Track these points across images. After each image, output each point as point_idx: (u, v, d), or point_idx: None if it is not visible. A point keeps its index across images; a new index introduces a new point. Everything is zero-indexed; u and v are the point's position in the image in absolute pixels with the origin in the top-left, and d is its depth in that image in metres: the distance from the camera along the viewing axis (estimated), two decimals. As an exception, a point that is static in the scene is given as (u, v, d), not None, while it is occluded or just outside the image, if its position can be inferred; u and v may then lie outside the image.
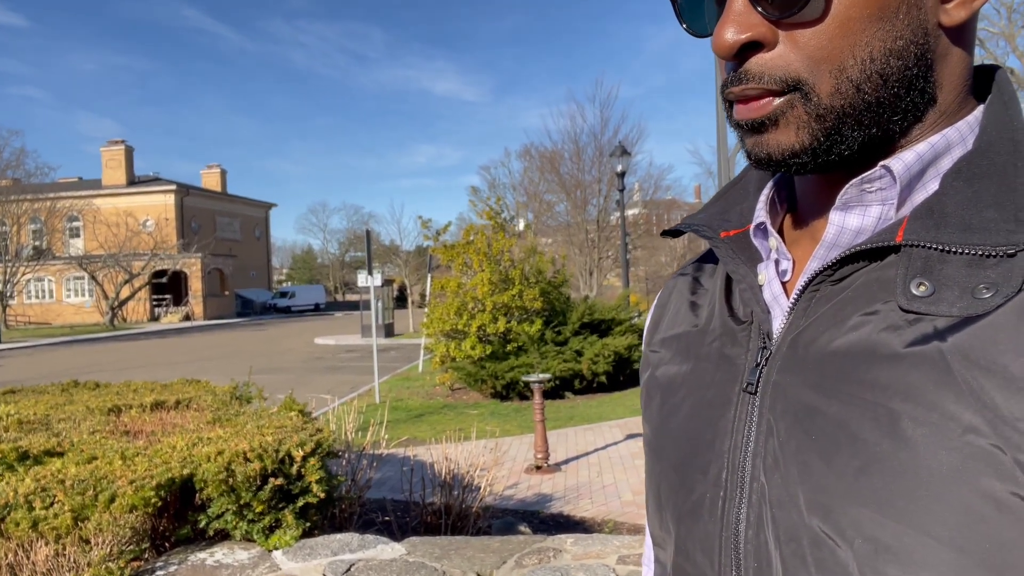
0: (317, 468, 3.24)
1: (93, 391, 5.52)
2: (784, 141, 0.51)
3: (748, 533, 0.52)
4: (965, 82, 0.53)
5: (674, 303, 0.70)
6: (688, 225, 0.65)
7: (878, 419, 0.46)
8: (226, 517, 3.12)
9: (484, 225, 12.82)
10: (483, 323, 11.39)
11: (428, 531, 4.42)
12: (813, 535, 0.48)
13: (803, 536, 0.49)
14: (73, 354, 22.60)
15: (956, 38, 0.52)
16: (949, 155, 0.52)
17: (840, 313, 0.51)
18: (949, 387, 0.44)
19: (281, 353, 20.99)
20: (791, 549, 0.49)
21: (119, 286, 39.03)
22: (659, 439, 0.64)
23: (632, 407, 9.70)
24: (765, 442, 0.52)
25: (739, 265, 0.60)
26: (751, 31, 0.49)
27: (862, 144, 0.51)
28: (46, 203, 41.78)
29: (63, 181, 49.57)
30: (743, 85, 0.51)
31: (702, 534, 0.56)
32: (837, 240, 0.53)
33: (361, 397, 10.97)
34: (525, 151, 36.82)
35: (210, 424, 3.98)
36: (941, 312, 0.46)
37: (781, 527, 0.50)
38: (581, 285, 29.46)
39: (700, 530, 0.56)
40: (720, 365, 0.59)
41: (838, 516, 0.47)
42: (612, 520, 5.20)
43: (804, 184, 0.59)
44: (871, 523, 0.45)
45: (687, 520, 0.58)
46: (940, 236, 0.47)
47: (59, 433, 3.82)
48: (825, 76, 0.49)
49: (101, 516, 2.83)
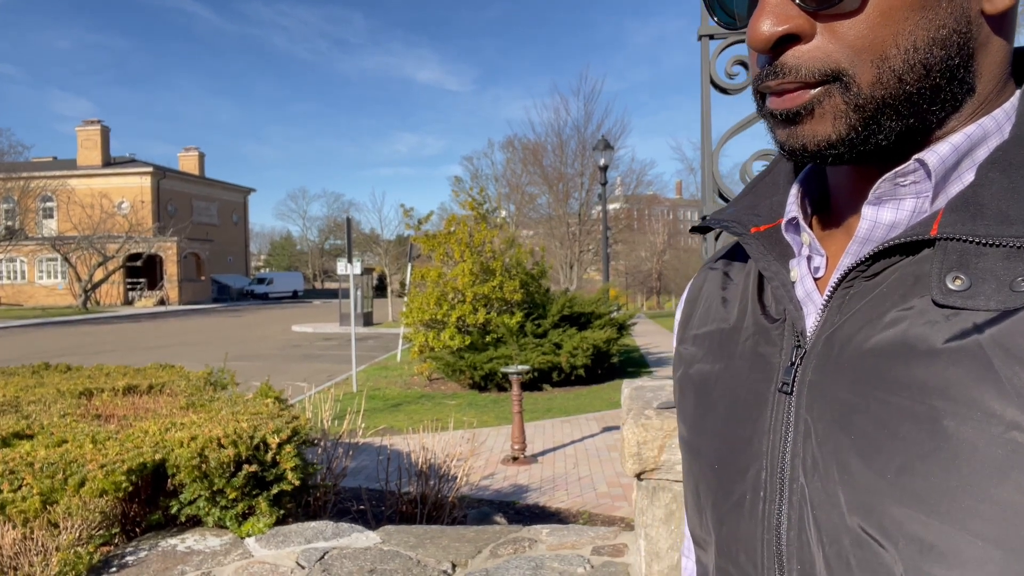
0: (292, 456, 3.21)
1: (64, 374, 5.43)
2: (820, 131, 0.50)
3: (790, 535, 0.52)
4: (1004, 69, 0.52)
5: (705, 298, 0.69)
6: (717, 221, 0.64)
7: (918, 417, 0.45)
8: (199, 503, 3.08)
9: (466, 215, 12.79)
10: (463, 314, 11.37)
11: (404, 520, 4.41)
12: (855, 536, 0.48)
13: (845, 537, 0.48)
14: (45, 336, 22.22)
15: (998, 26, 0.51)
16: (985, 144, 0.51)
17: (875, 310, 0.50)
18: (990, 383, 0.43)
19: (257, 340, 20.80)
20: (834, 550, 0.49)
21: (93, 268, 38.41)
22: (695, 438, 0.63)
23: (610, 400, 9.75)
24: (804, 443, 0.51)
25: (771, 262, 0.59)
26: (789, 23, 0.48)
27: (899, 135, 0.50)
28: (19, 183, 40.88)
29: (37, 160, 48.65)
30: (779, 79, 0.50)
31: (744, 535, 0.56)
32: (871, 235, 0.52)
33: (338, 386, 10.91)
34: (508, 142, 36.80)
35: (183, 409, 3.93)
36: (979, 306, 0.45)
37: (823, 528, 0.49)
38: (561, 278, 29.53)
39: (742, 531, 0.56)
40: (755, 364, 0.58)
41: (880, 516, 0.46)
42: (587, 511, 5.23)
43: (837, 177, 0.58)
44: (915, 523, 0.44)
45: (728, 521, 0.58)
46: (976, 229, 0.46)
47: (28, 416, 3.75)
48: (867, 66, 0.48)
49: (70, 500, 2.78)
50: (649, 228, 46.84)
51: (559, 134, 32.13)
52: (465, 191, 14.42)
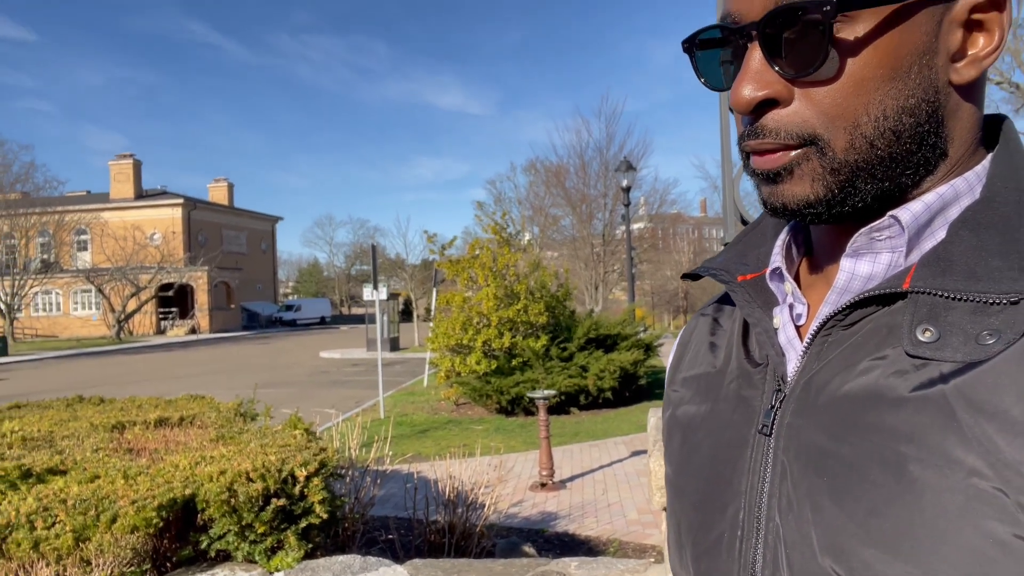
0: (320, 488, 3.22)
1: (97, 407, 5.51)
2: (799, 192, 0.53)
3: (764, 573, 0.53)
4: (975, 135, 0.55)
5: (695, 343, 0.71)
6: (707, 269, 0.67)
7: (886, 462, 0.47)
8: (228, 538, 3.10)
9: (489, 239, 12.83)
10: (488, 338, 11.37)
11: (432, 550, 4.38)
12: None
13: None
14: (79, 367, 22.65)
15: (966, 95, 0.53)
16: (957, 204, 0.53)
17: (851, 357, 0.52)
18: (953, 431, 0.45)
19: (286, 367, 20.98)
20: None
21: (126, 299, 39.18)
22: (680, 478, 0.65)
23: (638, 423, 9.64)
24: (780, 483, 0.53)
25: (755, 309, 0.62)
26: (768, 89, 0.51)
27: (875, 196, 0.53)
28: (54, 216, 42.00)
29: (71, 195, 49.88)
30: (760, 139, 0.53)
31: (722, 573, 0.57)
32: (848, 286, 0.55)
33: (365, 412, 10.95)
34: (531, 165, 36.91)
35: (213, 442, 3.97)
36: (946, 357, 0.47)
37: (796, 568, 0.51)
38: (587, 299, 29.43)
39: (720, 569, 0.57)
40: (737, 407, 0.60)
41: (849, 557, 0.47)
42: (617, 539, 5.16)
43: (818, 231, 0.61)
44: (881, 564, 0.46)
45: (705, 559, 0.59)
46: (946, 283, 0.49)
47: (62, 451, 3.81)
48: (840, 132, 0.51)
49: (103, 537, 2.81)
50: (674, 247, 46.61)
51: (581, 155, 32.19)
52: (488, 215, 14.45)
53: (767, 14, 0.50)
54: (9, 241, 39.17)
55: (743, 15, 0.52)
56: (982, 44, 0.52)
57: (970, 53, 0.52)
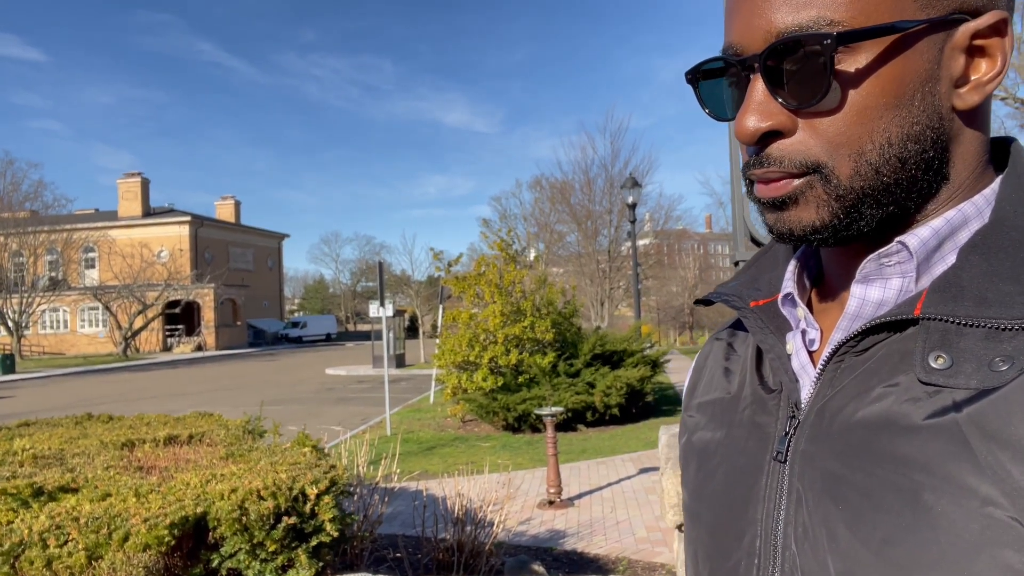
0: (331, 506, 3.22)
1: (107, 424, 5.53)
2: (805, 218, 0.53)
3: None
4: (980, 158, 0.55)
5: (709, 369, 0.71)
6: (719, 295, 0.67)
7: (900, 490, 0.47)
8: (239, 556, 3.10)
9: (495, 256, 12.86)
10: (495, 355, 11.36)
11: (440, 569, 4.37)
12: None
13: None
14: (86, 384, 22.69)
15: (970, 120, 0.54)
16: (967, 228, 0.53)
17: (864, 384, 0.52)
18: (966, 459, 0.45)
19: (293, 384, 20.98)
20: None
21: (132, 316, 39.31)
22: (696, 504, 0.65)
23: (645, 440, 9.60)
24: (795, 511, 0.53)
25: (767, 335, 0.61)
26: (772, 120, 0.52)
27: (880, 221, 0.53)
28: (63, 234, 42.31)
29: (80, 213, 50.34)
30: (764, 168, 0.53)
31: None
32: (860, 312, 0.55)
33: (372, 429, 10.94)
34: (536, 182, 37.12)
35: (223, 460, 3.98)
36: (959, 384, 0.47)
37: None
38: (592, 315, 29.40)
39: None
40: (752, 433, 0.60)
41: None
42: (626, 558, 5.12)
43: (828, 255, 0.61)
44: None
45: None
46: (957, 310, 0.48)
47: (73, 468, 3.83)
48: (845, 160, 0.51)
49: (115, 555, 2.82)
50: (680, 263, 46.59)
51: (586, 172, 32.39)
52: (494, 232, 14.53)
53: (769, 47, 0.51)
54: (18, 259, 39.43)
55: (745, 47, 0.52)
56: (984, 69, 0.52)
57: (973, 79, 0.52)
